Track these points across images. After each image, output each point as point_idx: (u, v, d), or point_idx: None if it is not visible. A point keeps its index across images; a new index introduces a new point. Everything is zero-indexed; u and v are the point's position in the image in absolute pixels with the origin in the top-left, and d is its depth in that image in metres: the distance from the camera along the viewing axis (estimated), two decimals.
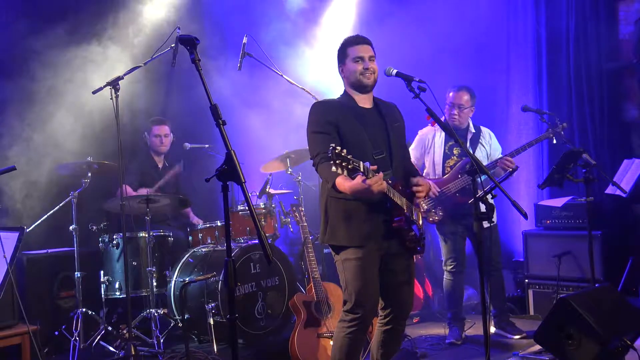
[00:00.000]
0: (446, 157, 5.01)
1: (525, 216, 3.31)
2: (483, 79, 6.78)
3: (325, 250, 5.87)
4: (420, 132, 5.20)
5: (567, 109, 6.29)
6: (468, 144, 4.98)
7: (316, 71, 6.66)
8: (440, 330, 5.14)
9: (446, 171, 4.98)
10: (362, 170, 2.87)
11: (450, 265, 4.98)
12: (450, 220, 4.94)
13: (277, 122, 6.64)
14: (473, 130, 5.09)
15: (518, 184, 6.63)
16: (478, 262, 3.13)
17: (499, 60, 6.89)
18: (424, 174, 4.96)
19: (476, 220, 3.17)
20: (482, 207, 3.16)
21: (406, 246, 3.35)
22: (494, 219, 4.94)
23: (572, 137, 6.18)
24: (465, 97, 4.99)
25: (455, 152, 5.02)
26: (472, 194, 3.28)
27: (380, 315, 3.44)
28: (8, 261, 3.58)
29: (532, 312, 5.65)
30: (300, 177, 5.77)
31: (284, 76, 5.19)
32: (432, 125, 5.06)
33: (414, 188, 3.34)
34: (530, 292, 5.67)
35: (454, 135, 3.36)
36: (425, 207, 4.88)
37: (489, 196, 3.17)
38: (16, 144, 5.38)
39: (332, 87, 5.13)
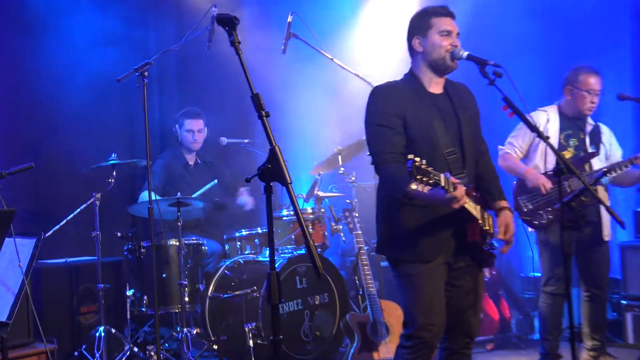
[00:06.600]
0: (561, 148, 4.72)
1: (622, 225, 3.25)
2: (570, 62, 6.64)
3: (383, 263, 5.84)
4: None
5: None
6: (587, 139, 4.77)
7: (371, 55, 6.64)
8: (520, 358, 5.05)
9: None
10: (443, 184, 2.84)
11: (552, 286, 4.65)
12: (559, 228, 4.64)
13: (327, 113, 6.65)
14: (592, 123, 4.85)
15: (613, 187, 6.47)
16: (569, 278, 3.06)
17: (588, 42, 6.73)
18: (532, 167, 4.70)
19: (562, 229, 3.12)
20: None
21: (476, 259, 3.33)
22: (608, 234, 4.77)
23: None
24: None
25: (572, 143, 4.77)
26: (559, 199, 3.22)
27: (442, 338, 3.39)
28: (24, 271, 3.67)
29: (630, 341, 5.52)
30: (354, 177, 5.73)
31: (334, 60, 5.20)
32: (510, 116, 4.95)
33: (498, 236, 3.31)
34: (629, 316, 5.54)
35: (537, 130, 3.32)
36: (531, 206, 4.59)
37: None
38: (34, 140, 5.52)
39: (388, 74, 5.09)
